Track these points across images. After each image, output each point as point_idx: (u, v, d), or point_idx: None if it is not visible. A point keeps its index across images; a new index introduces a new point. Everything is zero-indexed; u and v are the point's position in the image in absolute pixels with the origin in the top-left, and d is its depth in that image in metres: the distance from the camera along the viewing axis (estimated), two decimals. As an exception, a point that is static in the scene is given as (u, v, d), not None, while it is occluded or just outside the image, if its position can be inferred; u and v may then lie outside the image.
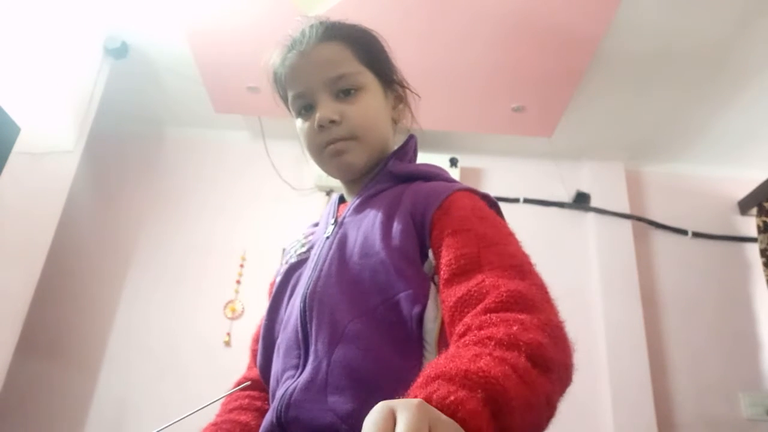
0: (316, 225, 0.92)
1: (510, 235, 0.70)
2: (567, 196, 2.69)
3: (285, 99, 0.88)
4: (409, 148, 0.88)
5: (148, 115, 2.72)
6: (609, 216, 2.61)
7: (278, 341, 0.80)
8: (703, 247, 2.64)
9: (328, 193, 2.64)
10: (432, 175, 0.82)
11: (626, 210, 2.64)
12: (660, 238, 2.67)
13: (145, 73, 2.40)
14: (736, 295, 2.56)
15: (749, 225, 2.66)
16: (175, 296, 2.46)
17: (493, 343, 0.51)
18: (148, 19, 2.13)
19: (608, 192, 2.68)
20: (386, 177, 0.83)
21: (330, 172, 0.86)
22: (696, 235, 2.66)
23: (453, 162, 2.60)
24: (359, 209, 0.81)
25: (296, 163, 2.67)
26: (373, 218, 0.76)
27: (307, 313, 0.73)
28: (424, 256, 0.71)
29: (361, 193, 0.83)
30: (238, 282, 2.47)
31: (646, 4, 1.90)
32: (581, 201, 2.65)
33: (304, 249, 0.85)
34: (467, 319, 0.57)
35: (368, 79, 0.84)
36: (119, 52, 2.23)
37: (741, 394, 2.35)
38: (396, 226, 0.73)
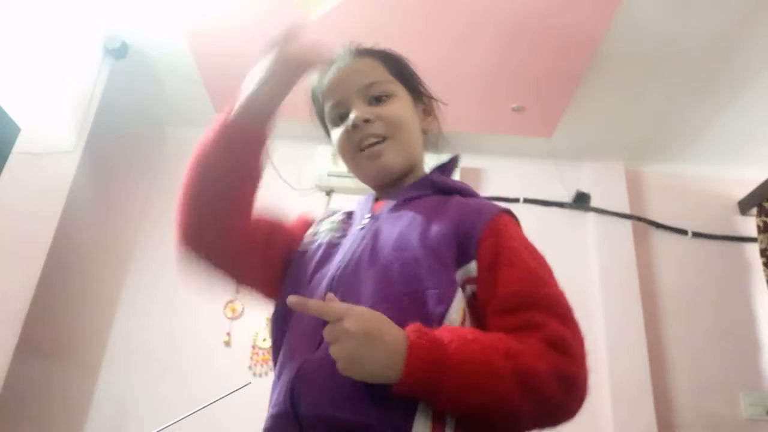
0: (350, 214, 0.93)
1: (552, 274, 0.77)
2: (567, 196, 2.69)
3: (322, 117, 0.95)
4: (451, 166, 0.96)
5: (148, 115, 2.72)
6: (609, 216, 2.61)
7: (295, 315, 0.80)
8: (703, 247, 2.64)
9: (328, 193, 2.64)
10: (470, 192, 0.89)
11: (626, 210, 2.64)
12: (660, 238, 2.67)
13: (145, 73, 2.40)
14: (736, 295, 2.56)
15: (749, 225, 2.66)
16: (175, 296, 2.46)
17: (502, 347, 0.62)
18: (148, 19, 2.13)
19: (608, 192, 2.68)
20: (427, 185, 0.89)
21: (365, 177, 0.92)
22: (696, 235, 2.66)
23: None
24: (397, 208, 0.84)
25: (296, 163, 2.67)
26: (410, 218, 0.80)
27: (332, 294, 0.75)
28: (461, 263, 0.74)
29: (401, 194, 0.87)
30: (238, 282, 2.46)
31: (646, 4, 1.90)
32: (581, 201, 2.65)
33: (337, 234, 0.88)
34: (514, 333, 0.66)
35: (398, 88, 0.91)
36: (119, 52, 2.23)
37: (741, 394, 2.35)
38: (436, 230, 0.76)
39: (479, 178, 2.73)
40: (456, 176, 0.97)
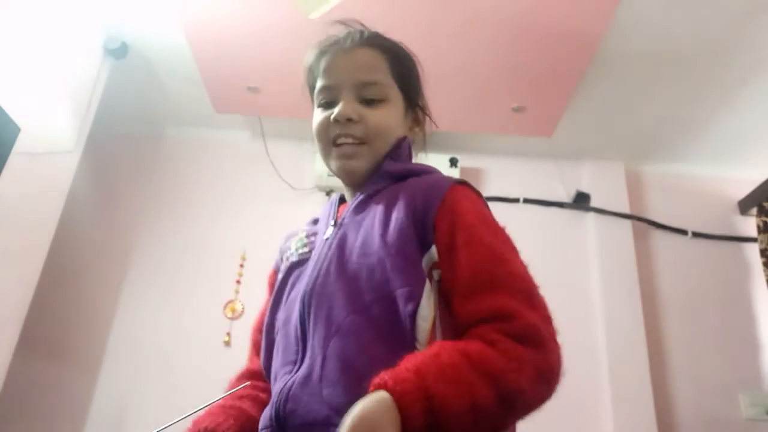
0: (316, 222, 0.93)
1: (513, 248, 0.74)
2: (567, 196, 2.69)
3: (312, 89, 0.91)
4: (402, 150, 0.88)
5: (148, 115, 2.72)
6: (609, 216, 2.61)
7: (277, 340, 0.81)
8: (703, 247, 2.64)
9: (328, 193, 2.64)
10: (425, 171, 0.85)
11: (626, 210, 2.64)
12: (660, 238, 2.67)
13: (145, 73, 2.40)
14: (736, 295, 2.56)
15: (749, 225, 2.65)
16: (175, 296, 2.46)
17: (483, 372, 0.59)
18: (147, 20, 2.13)
19: (608, 192, 2.68)
20: (382, 177, 0.85)
21: (333, 170, 0.89)
22: (696, 235, 2.66)
23: (453, 162, 2.60)
24: (358, 210, 0.83)
25: (296, 163, 2.67)
26: (372, 218, 0.78)
27: (306, 311, 0.75)
28: (424, 251, 0.73)
29: (359, 194, 0.85)
30: (238, 282, 2.47)
31: (646, 3, 1.90)
32: (581, 201, 2.65)
33: (306, 249, 0.87)
34: (483, 330, 0.64)
35: (395, 94, 0.88)
36: (119, 52, 2.23)
37: (741, 394, 2.35)
38: (394, 224, 0.74)
39: (479, 178, 2.73)
40: (414, 159, 0.93)
